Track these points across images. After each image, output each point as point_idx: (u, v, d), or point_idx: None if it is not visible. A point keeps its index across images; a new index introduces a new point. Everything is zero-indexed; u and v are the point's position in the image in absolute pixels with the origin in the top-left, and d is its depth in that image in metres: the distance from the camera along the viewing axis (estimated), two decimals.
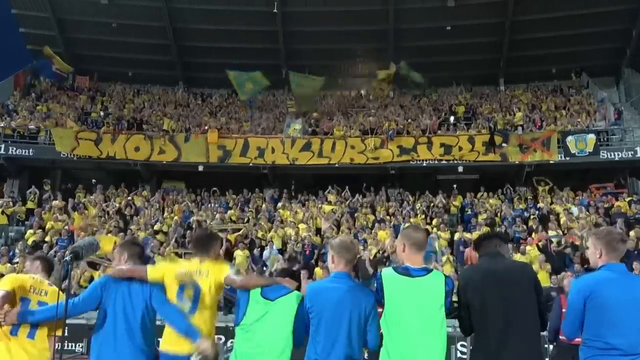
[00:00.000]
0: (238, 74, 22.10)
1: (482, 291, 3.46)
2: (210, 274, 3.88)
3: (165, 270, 3.97)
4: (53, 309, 3.76)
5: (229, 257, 15.27)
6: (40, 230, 16.37)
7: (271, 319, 3.63)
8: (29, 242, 15.70)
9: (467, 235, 15.73)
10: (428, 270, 3.47)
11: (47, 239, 15.76)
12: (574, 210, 16.65)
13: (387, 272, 3.51)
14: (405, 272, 3.45)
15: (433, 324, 3.36)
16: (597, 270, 3.43)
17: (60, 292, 3.87)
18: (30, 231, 16.42)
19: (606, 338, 3.19)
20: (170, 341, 3.81)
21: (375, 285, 3.56)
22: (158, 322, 4.02)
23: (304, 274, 12.79)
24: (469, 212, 17.84)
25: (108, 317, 3.84)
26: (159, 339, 3.96)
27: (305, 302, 3.55)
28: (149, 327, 3.90)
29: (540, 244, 14.58)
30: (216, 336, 4.04)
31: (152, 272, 3.93)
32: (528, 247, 14.13)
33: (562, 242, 14.59)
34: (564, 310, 5.94)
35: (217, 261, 4.09)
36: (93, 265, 13.13)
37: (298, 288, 3.91)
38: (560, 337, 5.76)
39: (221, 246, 4.35)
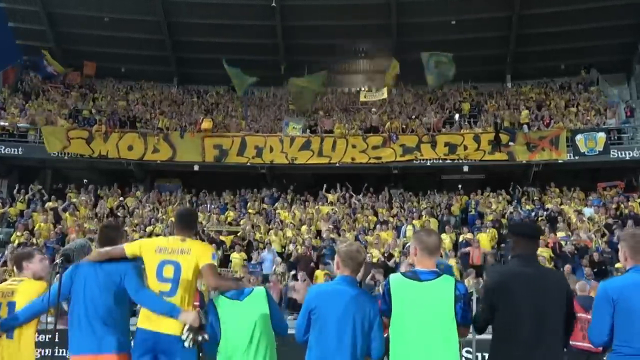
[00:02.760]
0: (233, 70, 21.93)
1: (513, 296, 3.40)
2: (193, 252, 3.85)
3: (143, 245, 3.97)
4: (32, 308, 3.93)
5: (225, 260, 15.28)
6: (28, 232, 16.29)
7: (243, 317, 3.71)
8: (16, 244, 15.61)
9: (469, 236, 15.74)
10: (438, 274, 3.46)
11: (35, 240, 15.67)
12: (587, 211, 16.63)
13: (395, 278, 3.52)
14: (414, 276, 3.45)
15: (442, 329, 3.34)
16: (625, 273, 3.45)
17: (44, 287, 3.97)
18: (17, 233, 16.35)
19: (633, 342, 3.19)
20: (147, 319, 3.80)
21: (382, 291, 3.55)
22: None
23: (301, 276, 12.79)
24: (474, 213, 17.83)
25: (77, 304, 3.86)
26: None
27: (309, 302, 3.57)
28: (120, 313, 3.87)
29: (549, 247, 14.56)
30: (196, 304, 4.07)
31: (129, 247, 3.94)
32: (539, 250, 14.07)
33: (570, 244, 14.58)
34: (578, 315, 5.96)
35: (199, 241, 4.09)
36: None
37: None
38: (572, 342, 5.76)
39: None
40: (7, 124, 21.26)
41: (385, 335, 3.51)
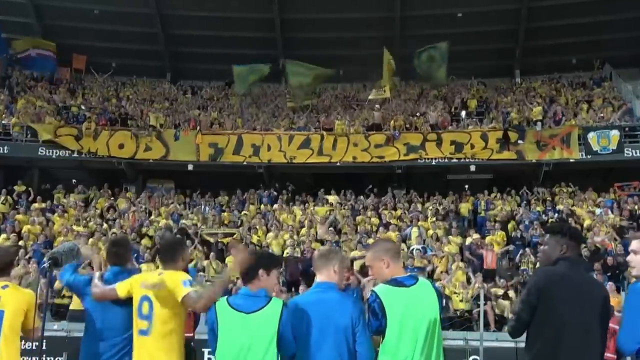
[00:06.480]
0: (242, 69, 21.90)
1: (560, 300, 3.32)
2: (166, 285, 3.64)
3: (133, 281, 3.88)
4: None
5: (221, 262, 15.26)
6: (15, 235, 16.28)
7: (250, 335, 3.38)
8: None
9: (476, 236, 15.72)
10: (415, 279, 3.55)
11: (23, 243, 15.66)
12: (598, 212, 16.62)
13: (381, 289, 3.45)
14: (399, 283, 3.46)
15: (434, 331, 3.41)
16: None
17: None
18: (3, 236, 16.33)
19: None
20: None
21: (370, 308, 3.42)
22: None
23: (302, 289, 12.73)
24: (482, 214, 17.82)
25: (88, 321, 3.94)
26: None
27: (290, 317, 3.48)
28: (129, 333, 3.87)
29: None
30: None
31: (121, 289, 3.85)
32: None
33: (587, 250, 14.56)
34: None
35: (172, 271, 3.78)
36: None
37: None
38: None
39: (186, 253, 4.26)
40: None
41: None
